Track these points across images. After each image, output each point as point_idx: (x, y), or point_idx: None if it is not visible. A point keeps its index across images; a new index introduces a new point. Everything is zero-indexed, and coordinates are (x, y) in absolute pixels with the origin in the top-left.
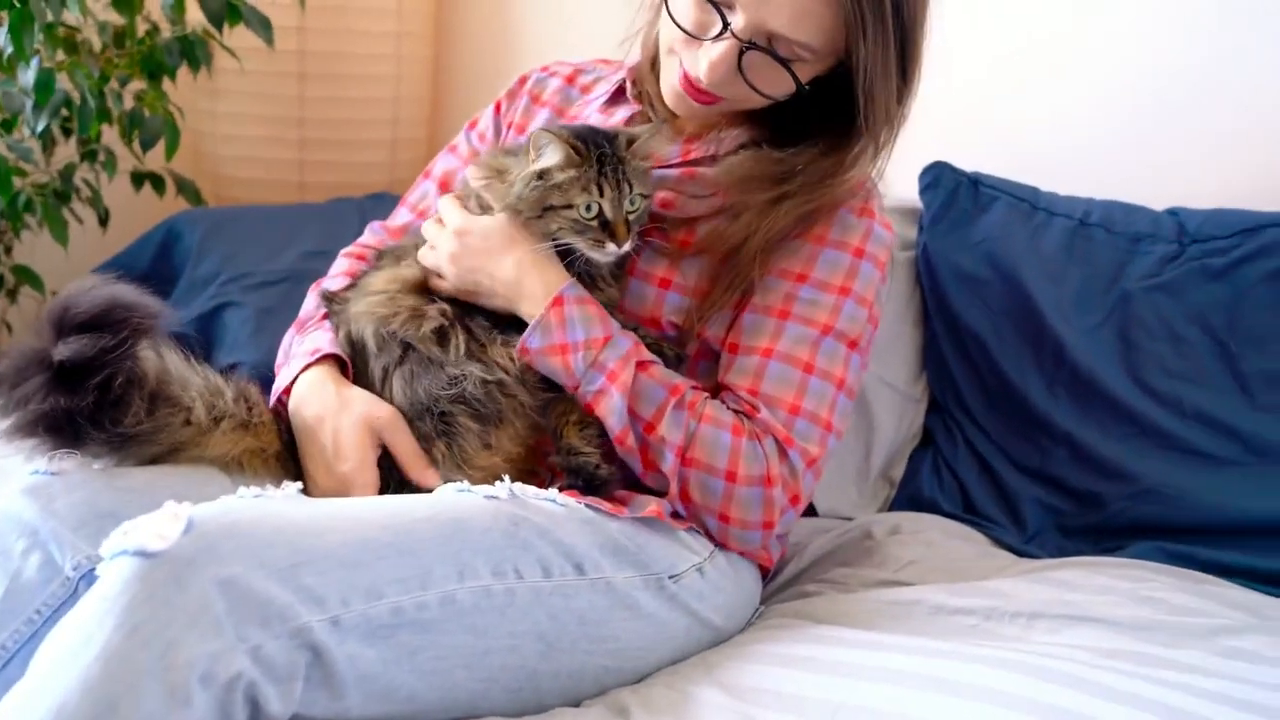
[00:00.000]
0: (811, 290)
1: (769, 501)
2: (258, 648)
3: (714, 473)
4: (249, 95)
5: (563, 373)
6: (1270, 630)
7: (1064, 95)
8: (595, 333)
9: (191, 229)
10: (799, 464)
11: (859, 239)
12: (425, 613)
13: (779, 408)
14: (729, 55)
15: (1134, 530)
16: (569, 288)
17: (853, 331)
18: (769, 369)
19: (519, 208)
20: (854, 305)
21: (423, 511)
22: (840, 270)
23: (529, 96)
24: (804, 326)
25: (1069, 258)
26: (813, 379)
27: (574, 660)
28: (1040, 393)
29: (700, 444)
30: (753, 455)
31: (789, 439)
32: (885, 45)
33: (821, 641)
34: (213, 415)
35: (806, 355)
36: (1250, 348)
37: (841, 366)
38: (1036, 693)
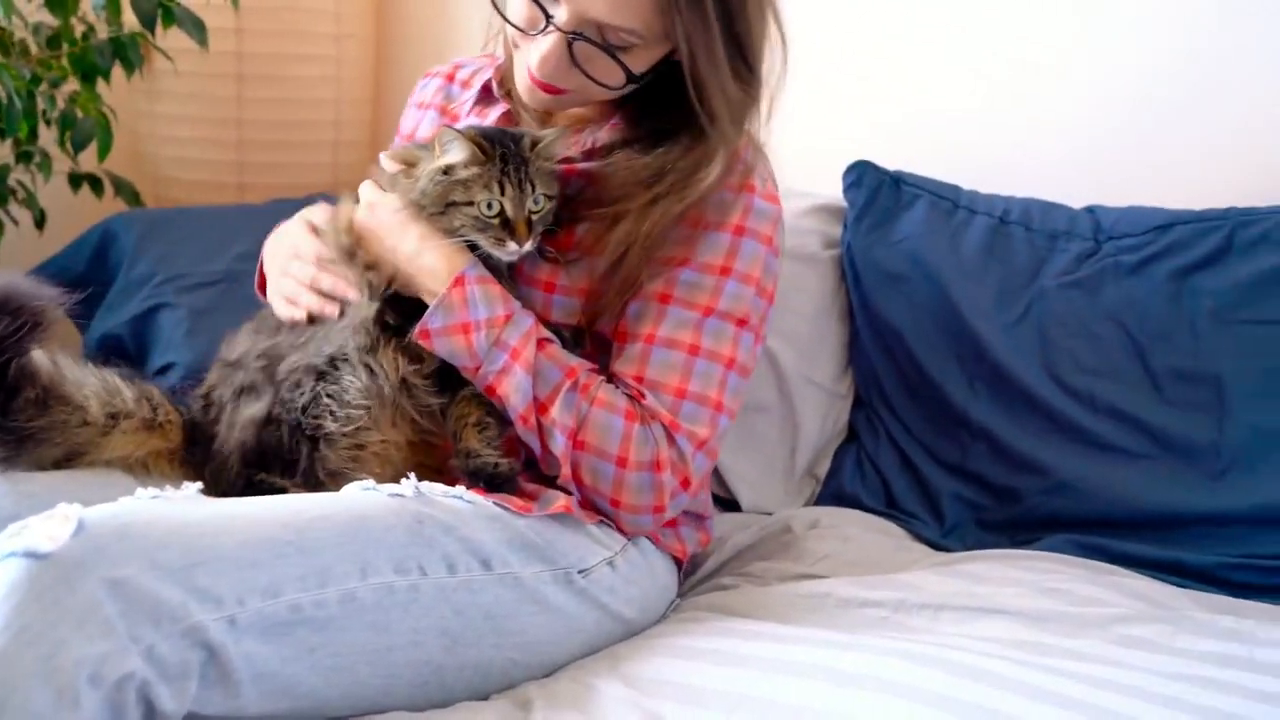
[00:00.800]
0: (692, 273)
1: (659, 486)
2: (150, 648)
3: (605, 457)
4: (188, 97)
5: (465, 353)
6: (1166, 619)
7: (987, 92)
8: (497, 311)
9: (127, 230)
10: (687, 447)
11: (738, 216)
12: (325, 610)
13: (664, 392)
14: (558, 48)
15: (1048, 523)
16: (471, 267)
17: (739, 310)
18: (653, 354)
19: (422, 203)
20: (737, 284)
21: (324, 510)
22: (721, 250)
23: (416, 106)
24: (685, 310)
25: (989, 255)
26: (698, 360)
27: (480, 655)
28: (960, 389)
29: (592, 428)
30: (644, 440)
31: (675, 424)
32: (706, 27)
33: (730, 634)
34: (110, 414)
35: (690, 338)
36: (1159, 343)
37: (730, 345)
38: (934, 684)
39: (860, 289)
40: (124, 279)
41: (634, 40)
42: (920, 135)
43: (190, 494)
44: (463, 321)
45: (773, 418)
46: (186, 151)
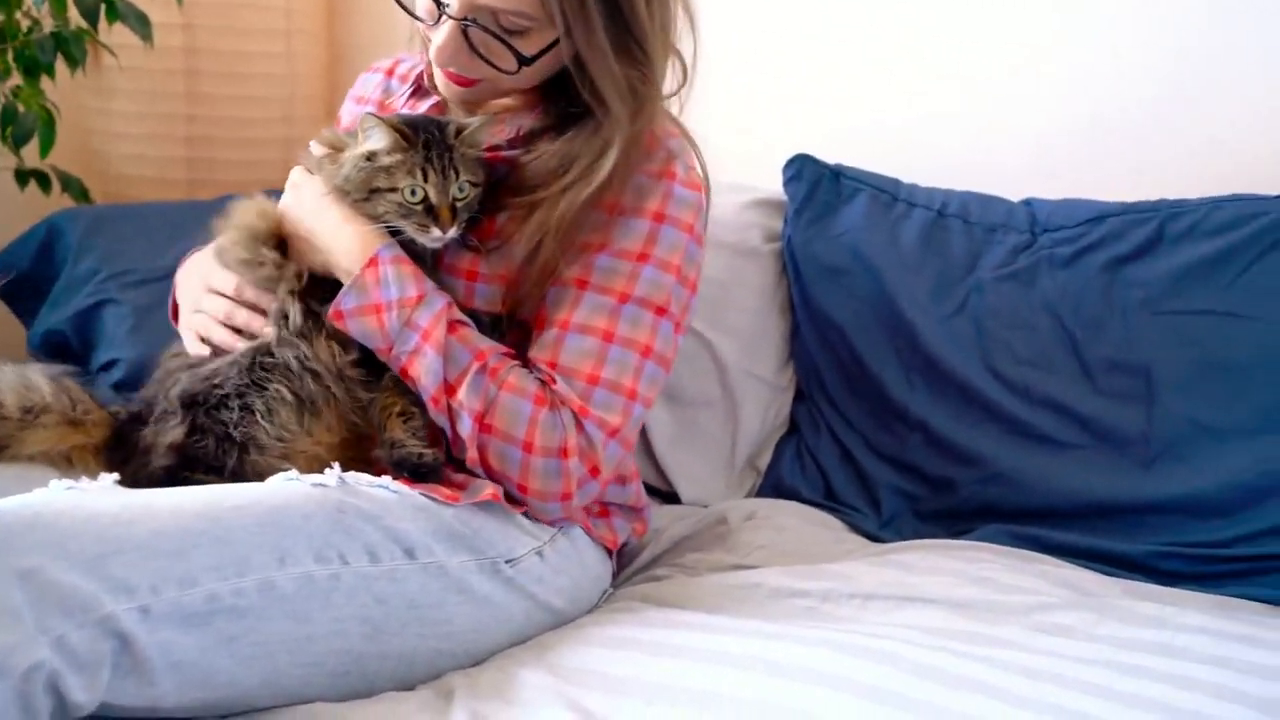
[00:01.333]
0: (609, 258)
1: (565, 473)
2: (60, 638)
3: (511, 442)
4: (138, 93)
5: (377, 334)
6: (1088, 607)
7: (927, 86)
8: (409, 291)
9: (73, 226)
10: (597, 435)
11: (657, 203)
12: (243, 599)
13: (576, 379)
14: (454, 35)
15: (984, 514)
16: (386, 248)
17: (657, 297)
18: (567, 340)
19: (346, 189)
20: (655, 270)
21: (243, 499)
22: (639, 237)
23: (355, 100)
24: (601, 295)
25: (927, 248)
26: (613, 347)
27: (404, 644)
28: (898, 381)
29: (500, 412)
30: (551, 426)
31: (584, 409)
32: (583, 6)
33: (658, 624)
34: (25, 409)
35: (605, 324)
36: (1092, 334)
37: (647, 333)
38: (856, 672)
39: (801, 282)
40: (68, 275)
41: (525, 23)
42: (860, 128)
43: (106, 485)
44: (375, 302)
45: (714, 411)
46: (137, 148)
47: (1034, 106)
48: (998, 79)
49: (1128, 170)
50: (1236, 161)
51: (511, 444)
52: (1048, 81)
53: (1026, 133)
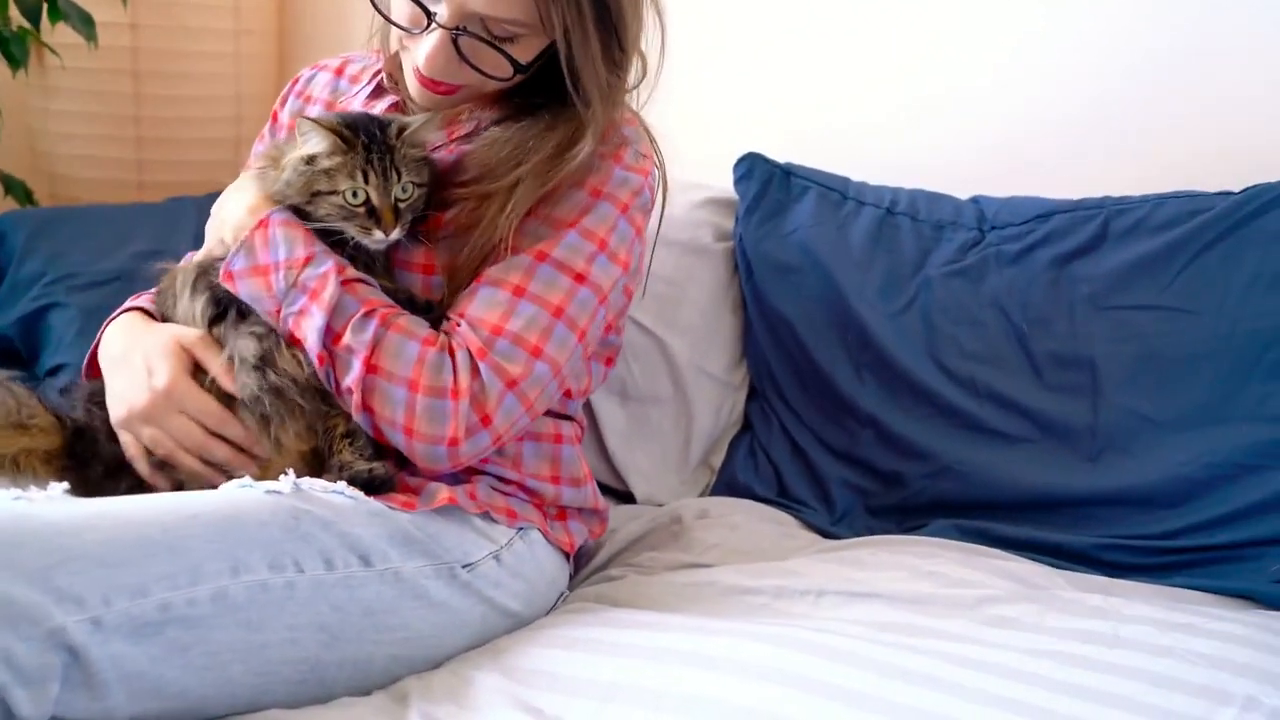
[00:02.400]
0: (537, 223)
1: (454, 414)
2: (6, 651)
3: (395, 380)
4: (83, 93)
5: (265, 296)
6: (1037, 599)
7: (876, 85)
8: (298, 252)
9: (16, 229)
10: (492, 381)
11: (598, 180)
12: (196, 609)
13: (481, 327)
14: (444, 45)
15: (934, 508)
16: (277, 212)
17: (576, 263)
18: (479, 293)
19: (286, 193)
20: (578, 237)
21: (195, 508)
22: (573, 207)
23: (301, 97)
24: (521, 255)
25: (876, 245)
26: (522, 302)
27: (360, 650)
28: (848, 377)
29: (385, 351)
30: (438, 364)
31: (483, 351)
32: (581, 13)
33: (612, 624)
34: None
35: (518, 280)
36: (1039, 328)
37: (561, 295)
38: (806, 668)
39: (752, 280)
40: (12, 278)
41: (517, 30)
42: (811, 127)
43: (55, 494)
44: (263, 264)
45: (666, 409)
46: (84, 149)
47: (982, 108)
48: (949, 80)
49: (1070, 169)
50: (1173, 159)
51: (396, 383)
52: (995, 83)
53: (974, 133)
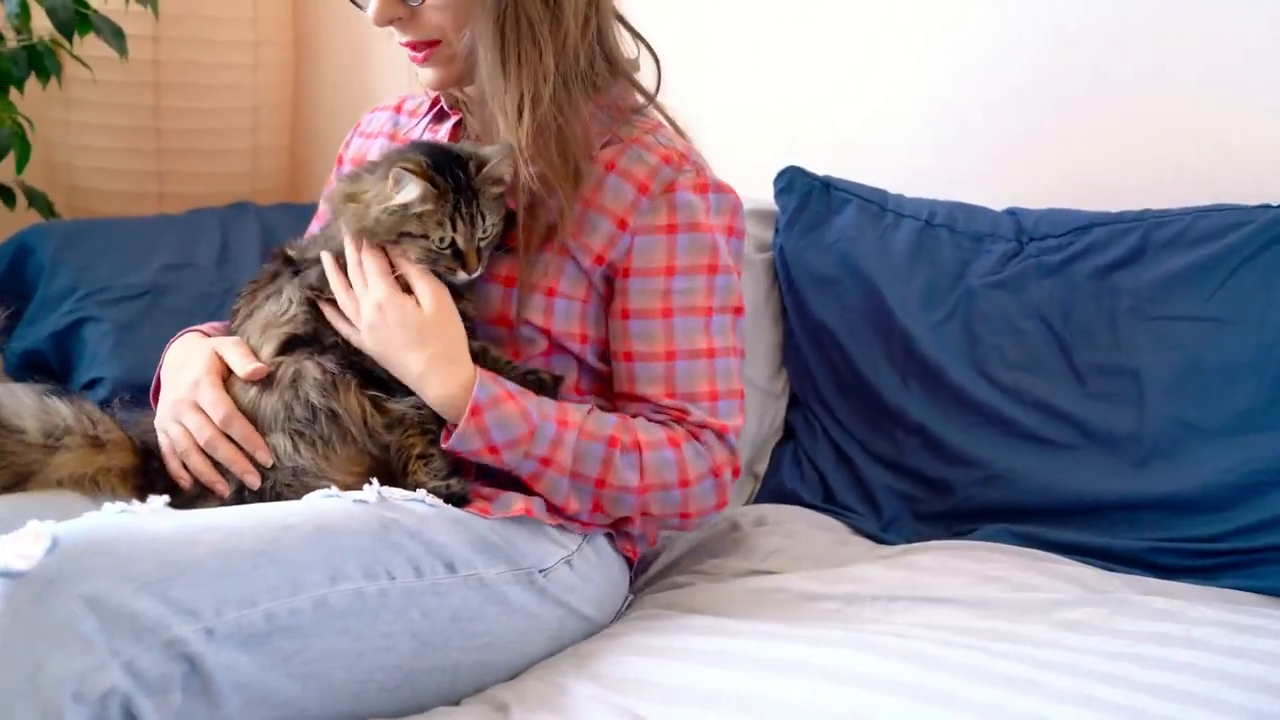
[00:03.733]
0: (683, 279)
1: (721, 487)
2: (130, 662)
3: (669, 488)
4: (103, 105)
5: (495, 465)
6: (1099, 602)
7: (909, 100)
8: (518, 432)
9: (44, 243)
10: (734, 441)
11: (703, 216)
12: (298, 618)
13: (700, 400)
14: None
15: (982, 513)
16: (480, 391)
17: (731, 300)
18: (677, 370)
19: (375, 230)
20: (724, 277)
21: (291, 519)
22: (703, 251)
23: (363, 135)
24: (689, 317)
25: (916, 257)
26: (717, 361)
27: (448, 657)
28: (893, 386)
29: (650, 472)
30: (695, 456)
31: (724, 427)
32: None
33: (691, 631)
34: (51, 435)
35: (703, 343)
36: (1081, 339)
37: (732, 335)
38: (895, 672)
39: (794, 291)
40: (43, 293)
41: None
42: (846, 139)
43: (157, 507)
44: (488, 446)
45: None
46: (104, 161)
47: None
48: (977, 92)
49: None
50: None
51: (670, 489)
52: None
53: (1008, 145)
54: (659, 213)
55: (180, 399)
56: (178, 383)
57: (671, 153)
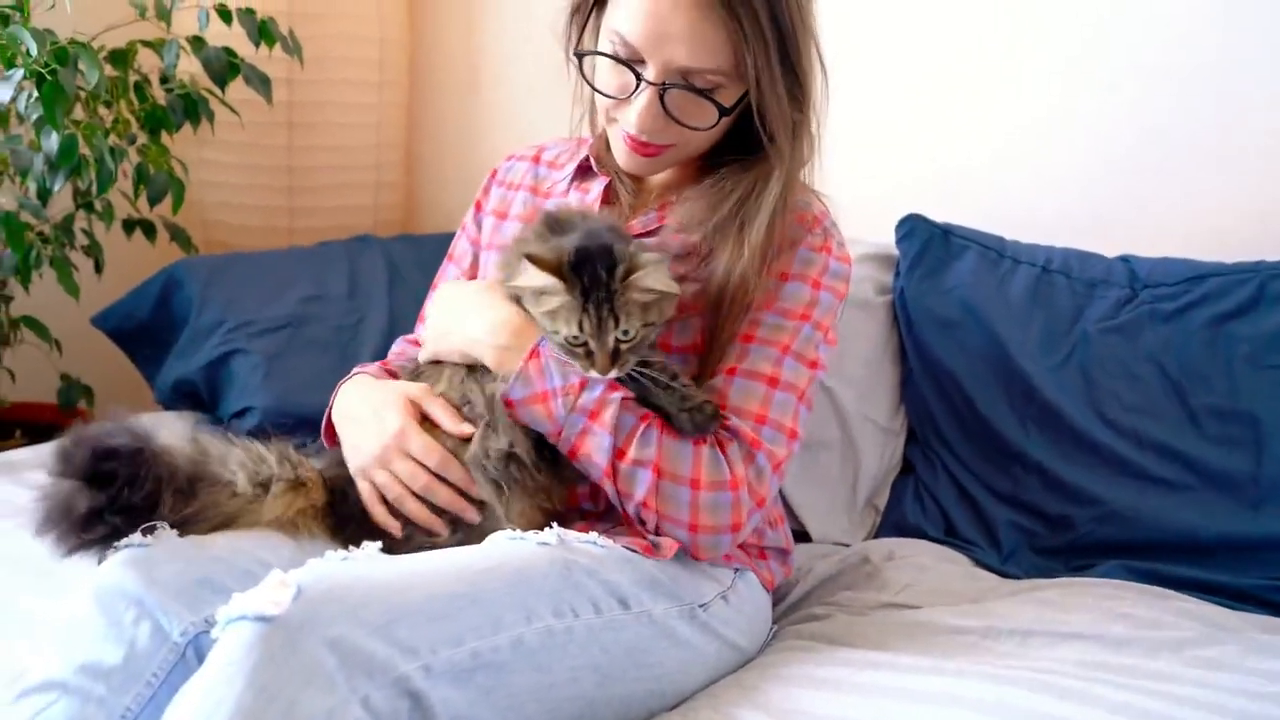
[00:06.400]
0: (775, 316)
1: (735, 504)
2: (366, 698)
3: (679, 481)
4: (240, 145)
5: (545, 420)
6: (1231, 641)
7: (1030, 150)
8: (571, 378)
9: (191, 277)
10: (765, 466)
11: (817, 272)
12: (499, 655)
13: (745, 417)
14: (653, 102)
15: (1100, 549)
16: (544, 339)
17: (810, 353)
18: (734, 384)
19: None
20: (812, 330)
21: (488, 563)
22: (801, 300)
23: (503, 185)
24: (767, 347)
25: (1033, 302)
26: (777, 392)
27: (625, 688)
28: (1013, 426)
29: (667, 455)
30: (714, 460)
31: (757, 442)
32: (767, 54)
33: (844, 663)
34: (258, 482)
35: (770, 370)
36: (1197, 384)
37: (805, 381)
38: (1042, 705)
39: (914, 334)
40: (193, 326)
41: (717, 79)
42: (964, 183)
43: (372, 553)
44: (541, 391)
45: (834, 453)
46: (238, 197)
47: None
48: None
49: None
50: None
51: (680, 484)
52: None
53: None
54: (779, 260)
55: (386, 446)
56: (375, 430)
57: (807, 215)
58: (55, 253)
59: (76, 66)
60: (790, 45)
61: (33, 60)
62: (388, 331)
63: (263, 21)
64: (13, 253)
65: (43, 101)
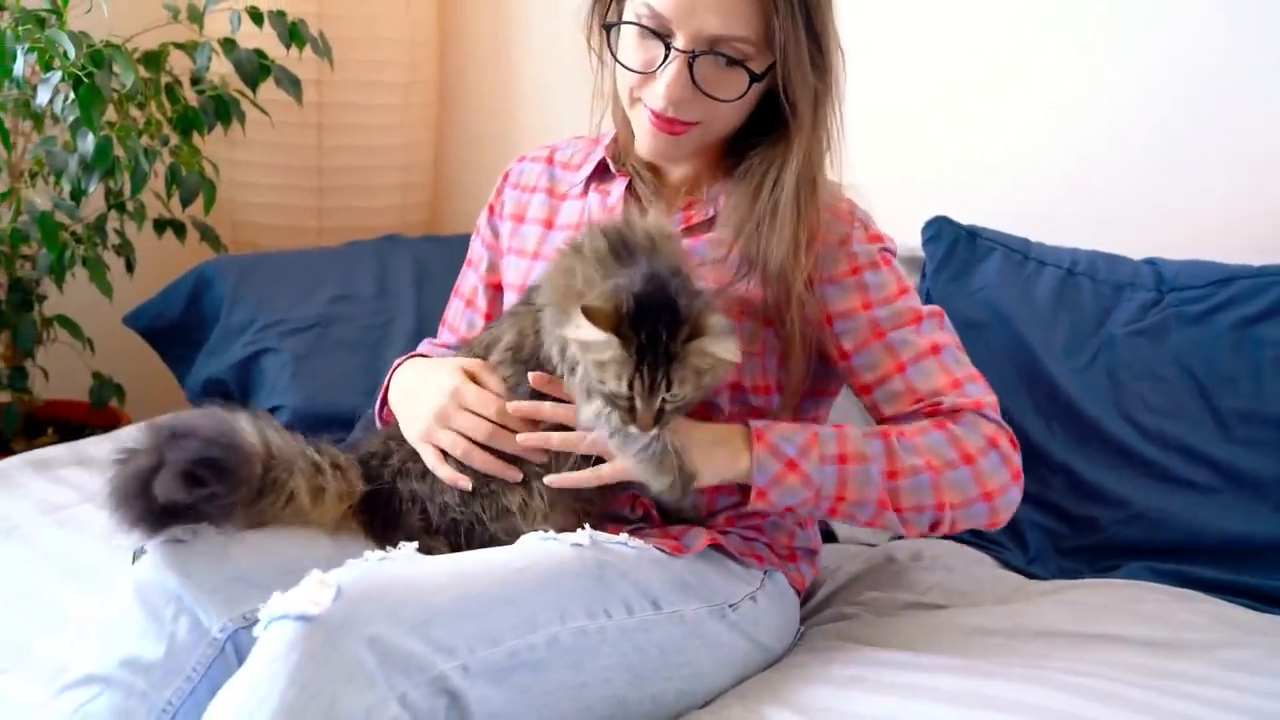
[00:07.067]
0: (883, 308)
1: (1005, 458)
2: (404, 695)
3: (954, 465)
4: (269, 145)
5: (801, 487)
6: (1256, 643)
7: (1054, 151)
8: (802, 438)
9: (222, 276)
10: (995, 415)
11: (877, 255)
12: (535, 654)
13: (946, 392)
14: (681, 72)
15: (1125, 550)
16: (755, 422)
17: (925, 309)
18: (909, 375)
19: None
20: (913, 297)
21: (522, 564)
22: (888, 281)
23: (517, 188)
24: (899, 330)
25: (1059, 304)
26: (943, 354)
27: (656, 687)
28: (1038, 428)
29: (928, 450)
30: (967, 431)
31: (977, 403)
32: (795, 25)
33: (872, 663)
34: (313, 490)
35: (923, 343)
36: (1224, 387)
37: (942, 331)
38: (1071, 706)
39: None
40: (224, 324)
41: (747, 49)
42: (989, 185)
43: (409, 554)
44: (787, 460)
45: None
46: (267, 197)
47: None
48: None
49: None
50: None
51: (956, 467)
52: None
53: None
54: (839, 263)
55: (444, 405)
56: (428, 397)
57: (839, 210)
58: (88, 252)
59: (111, 69)
60: (815, 14)
61: (70, 62)
62: (416, 332)
63: (293, 24)
64: (48, 252)
65: (79, 103)
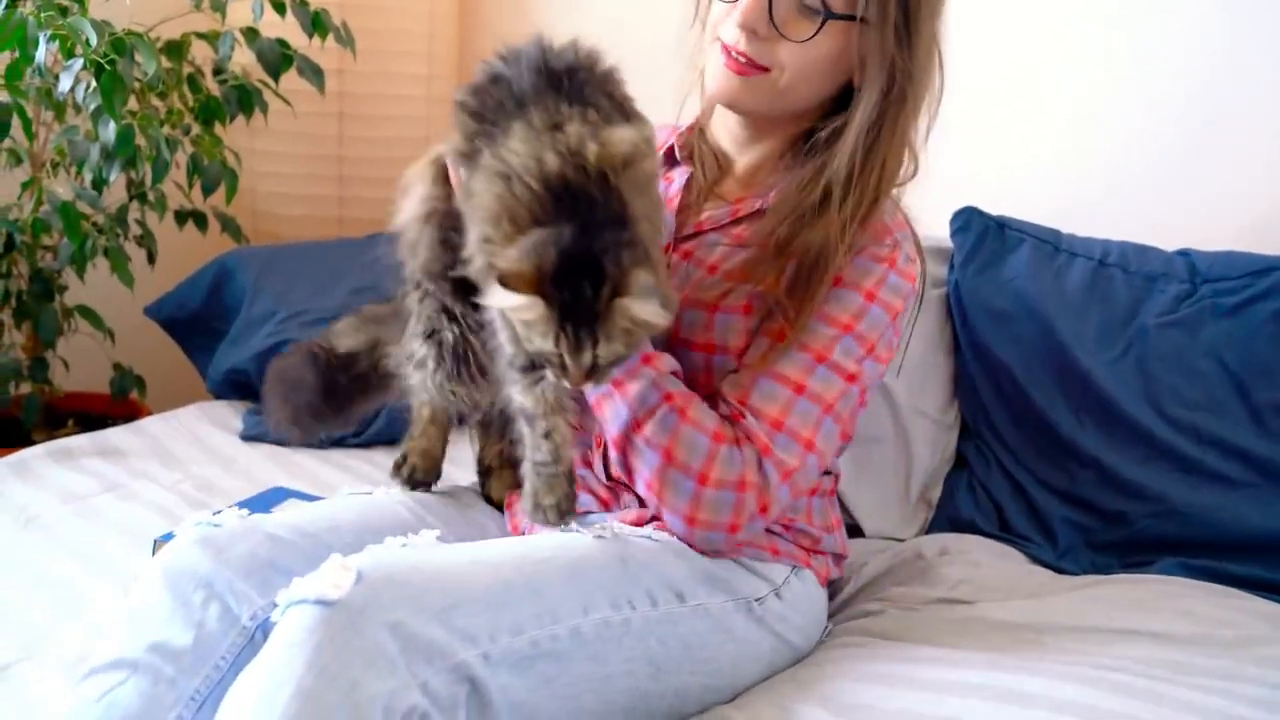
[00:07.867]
0: (816, 321)
1: (739, 506)
2: (426, 682)
3: (688, 473)
4: (291, 135)
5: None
6: None
7: (1085, 143)
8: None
9: (243, 267)
10: (773, 475)
11: (872, 283)
12: (558, 644)
13: (763, 419)
14: (760, 3)
15: (1157, 546)
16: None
17: (849, 365)
18: (760, 383)
19: None
20: (853, 342)
21: (545, 554)
22: (848, 308)
23: None
24: (801, 352)
25: (1090, 296)
26: (801, 399)
27: (680, 681)
28: (1068, 420)
29: (680, 444)
30: (729, 460)
31: (768, 449)
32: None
33: (899, 659)
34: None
35: (799, 376)
36: (1260, 380)
37: (835, 394)
38: (1105, 702)
39: (968, 327)
40: (246, 315)
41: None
42: (1019, 176)
43: (430, 541)
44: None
45: (887, 448)
46: (289, 187)
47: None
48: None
49: None
50: None
51: (687, 475)
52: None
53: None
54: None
55: None
56: None
57: (880, 225)
58: (110, 243)
59: (134, 57)
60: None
61: (92, 50)
62: None
63: (316, 13)
64: (70, 242)
65: (101, 91)
